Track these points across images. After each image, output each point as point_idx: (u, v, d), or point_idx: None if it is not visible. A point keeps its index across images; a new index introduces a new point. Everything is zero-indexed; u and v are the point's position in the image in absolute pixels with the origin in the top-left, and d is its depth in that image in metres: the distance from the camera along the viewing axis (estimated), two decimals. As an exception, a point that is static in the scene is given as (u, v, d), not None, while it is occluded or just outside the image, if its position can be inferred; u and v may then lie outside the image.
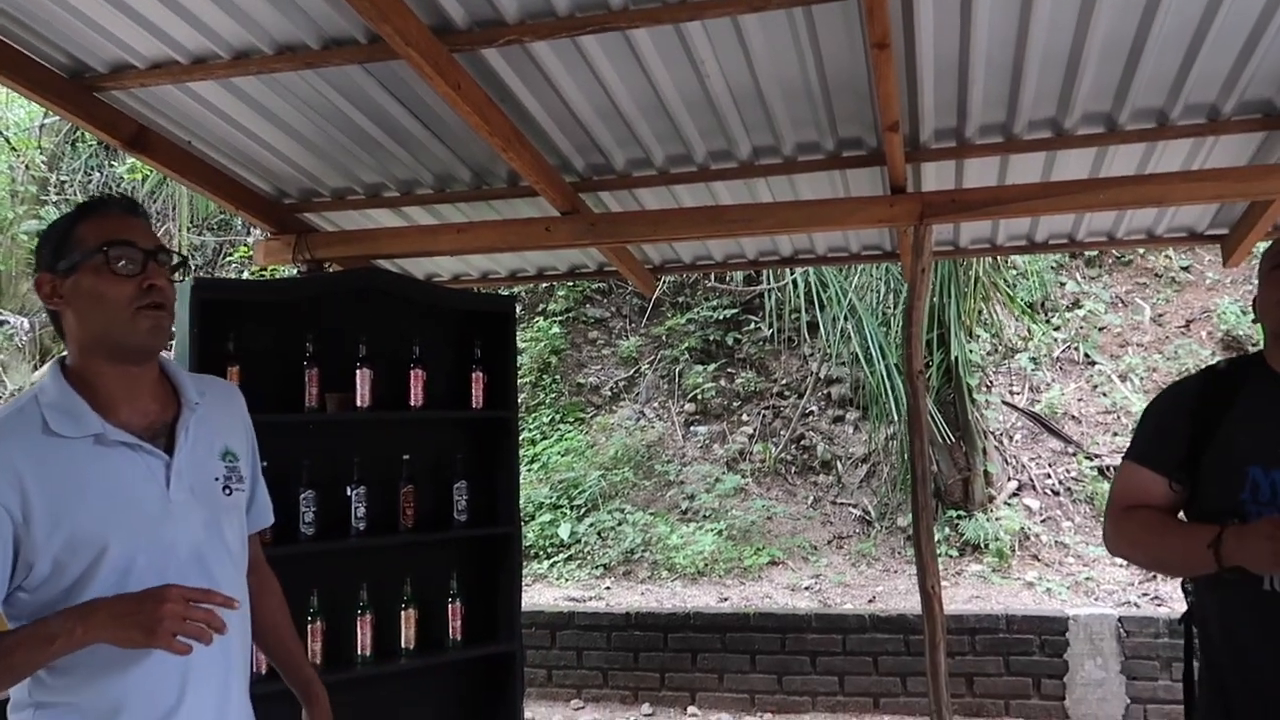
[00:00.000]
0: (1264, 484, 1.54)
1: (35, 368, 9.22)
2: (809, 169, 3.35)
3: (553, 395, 8.10)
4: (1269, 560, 1.42)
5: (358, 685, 3.66)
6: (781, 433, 7.31)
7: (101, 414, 1.39)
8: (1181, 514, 1.73)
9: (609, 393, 8.04)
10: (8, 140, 10.06)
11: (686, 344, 8.02)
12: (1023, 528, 6.08)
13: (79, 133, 10.05)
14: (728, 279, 8.26)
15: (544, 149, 3.27)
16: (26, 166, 10.11)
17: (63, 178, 10.33)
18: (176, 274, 1.46)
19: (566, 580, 6.31)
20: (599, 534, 6.66)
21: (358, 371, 3.69)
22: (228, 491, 1.50)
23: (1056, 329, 7.63)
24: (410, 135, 3.25)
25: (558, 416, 7.92)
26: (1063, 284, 7.90)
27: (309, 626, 3.45)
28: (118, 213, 1.44)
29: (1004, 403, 7.06)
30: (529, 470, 7.35)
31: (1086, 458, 6.53)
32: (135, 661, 1.34)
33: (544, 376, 8.23)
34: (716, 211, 3.43)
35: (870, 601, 5.52)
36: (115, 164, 9.91)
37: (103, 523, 1.34)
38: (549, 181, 3.32)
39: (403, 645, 3.70)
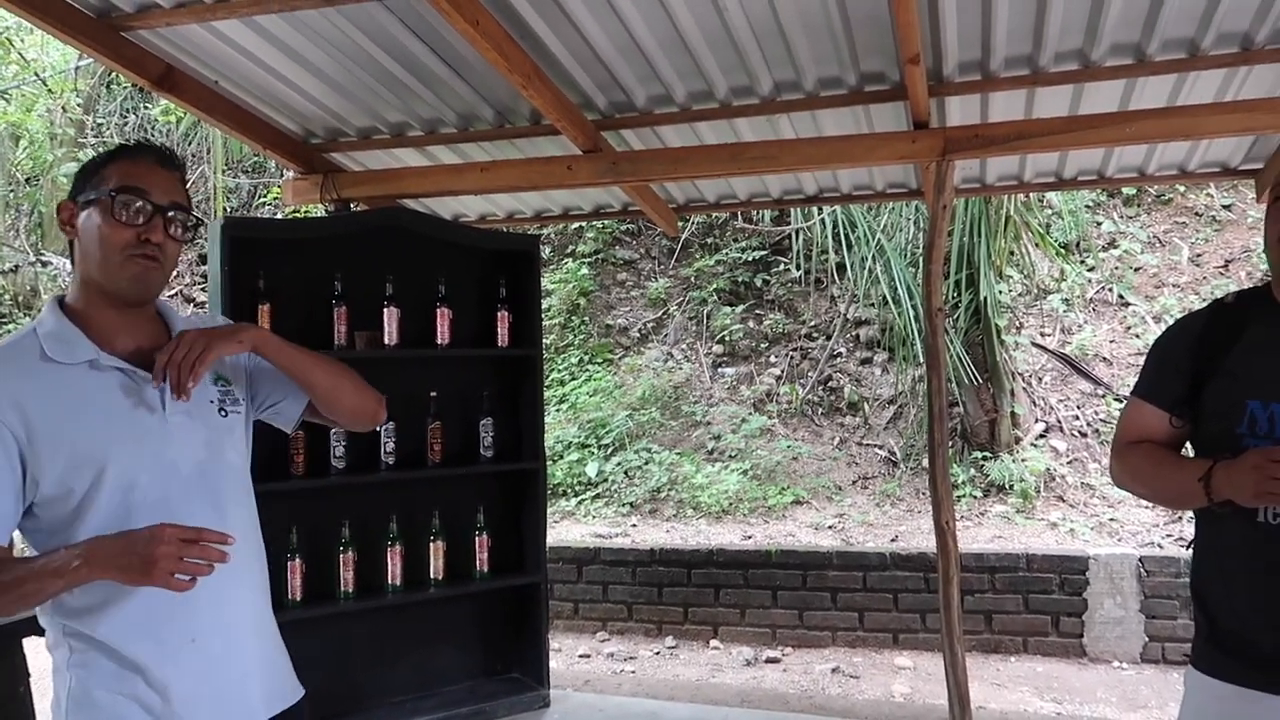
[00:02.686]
0: (1262, 417, 1.55)
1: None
2: (831, 104, 3.32)
3: (581, 336, 8.15)
4: (1251, 492, 1.43)
5: (388, 613, 3.82)
6: (809, 374, 7.32)
7: (96, 344, 1.44)
8: (1189, 446, 1.75)
9: (637, 334, 8.08)
10: (45, 83, 10.17)
11: (715, 285, 8.01)
12: (1048, 469, 6.07)
13: (113, 75, 10.13)
14: (755, 219, 8.21)
15: (565, 86, 3.27)
16: (64, 109, 10.23)
17: (99, 120, 10.45)
18: (184, 233, 1.49)
19: (594, 518, 6.43)
20: (626, 473, 6.76)
21: (385, 310, 3.77)
22: (224, 414, 1.55)
23: (1091, 269, 7.52)
24: (432, 74, 3.26)
25: (586, 357, 7.99)
26: (1099, 223, 7.75)
27: (341, 556, 3.59)
28: (147, 161, 1.48)
29: (1034, 344, 7.00)
30: (558, 410, 7.45)
31: (1116, 399, 6.48)
32: (147, 594, 1.38)
33: (573, 318, 8.28)
34: (737, 149, 3.42)
35: (892, 540, 5.57)
36: (149, 106, 10.01)
37: (101, 442, 1.40)
38: (570, 119, 3.33)
39: (431, 575, 3.83)
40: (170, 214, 1.47)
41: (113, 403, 1.43)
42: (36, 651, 2.00)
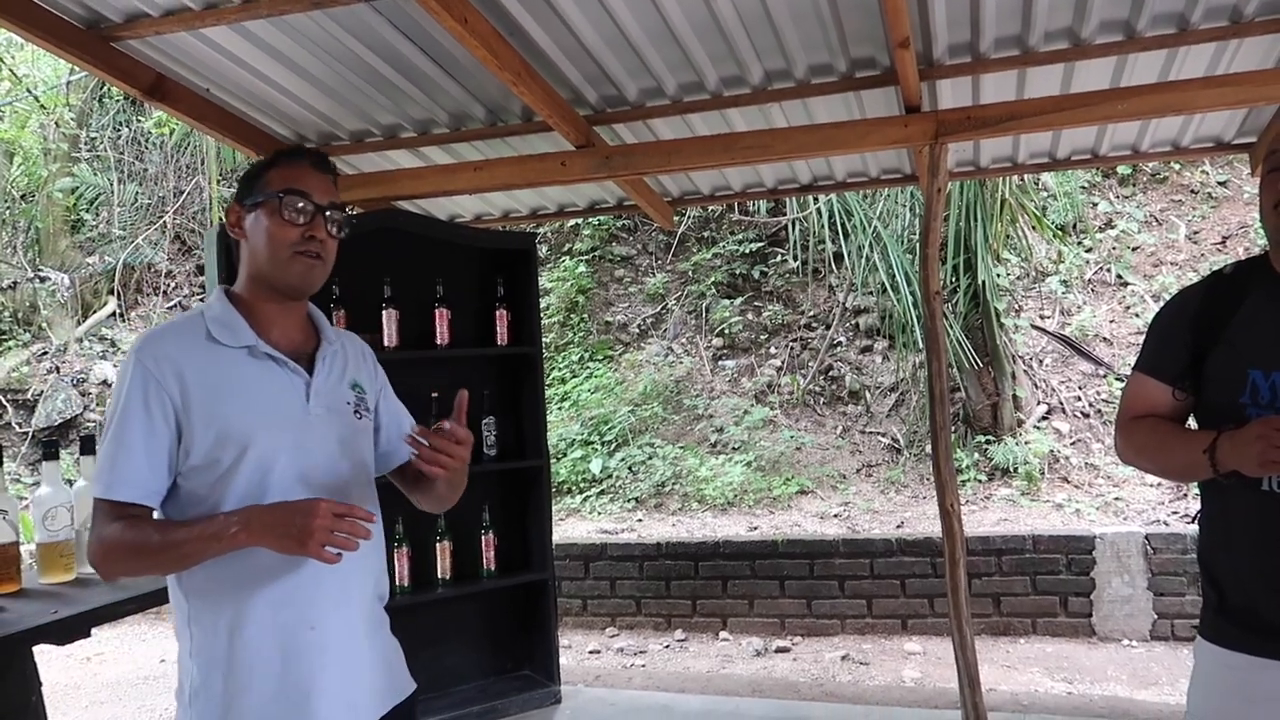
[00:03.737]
0: (1263, 387, 1.55)
1: (78, 323, 9.44)
2: (823, 92, 3.32)
3: (581, 334, 8.16)
4: (1256, 461, 1.43)
5: (396, 615, 3.80)
6: (809, 364, 7.32)
7: (255, 333, 1.55)
8: (1192, 418, 1.75)
9: (637, 330, 8.08)
10: (37, 99, 10.18)
11: (713, 279, 8.01)
12: (1052, 450, 6.07)
13: (105, 88, 10.13)
14: (751, 211, 8.20)
15: (555, 82, 3.27)
16: (57, 124, 10.23)
17: (92, 134, 10.45)
18: (340, 231, 1.59)
19: (599, 514, 6.44)
20: (630, 468, 6.76)
21: (384, 312, 3.78)
22: (358, 415, 1.66)
23: (1088, 250, 7.51)
24: (423, 74, 3.26)
25: (586, 355, 7.99)
26: (1095, 204, 7.75)
27: (348, 558, 3.58)
28: (305, 164, 1.58)
29: (1033, 327, 7.00)
30: (560, 408, 7.45)
31: (1117, 379, 6.48)
32: (278, 573, 1.47)
33: (572, 315, 8.28)
34: (730, 139, 3.41)
35: (898, 527, 5.58)
36: (142, 118, 10.00)
37: (249, 422, 1.49)
38: (562, 115, 3.33)
39: (439, 576, 3.84)
40: (329, 213, 1.57)
41: (263, 388, 1.53)
42: (47, 662, 2.00)
